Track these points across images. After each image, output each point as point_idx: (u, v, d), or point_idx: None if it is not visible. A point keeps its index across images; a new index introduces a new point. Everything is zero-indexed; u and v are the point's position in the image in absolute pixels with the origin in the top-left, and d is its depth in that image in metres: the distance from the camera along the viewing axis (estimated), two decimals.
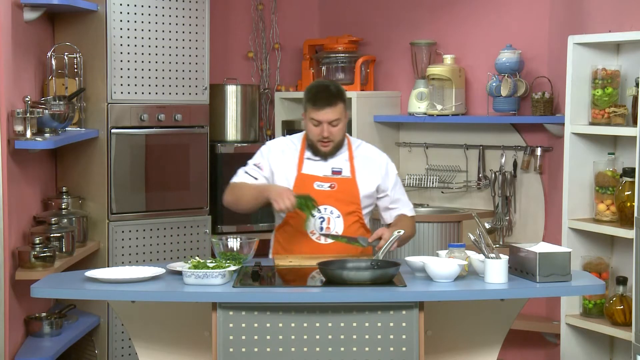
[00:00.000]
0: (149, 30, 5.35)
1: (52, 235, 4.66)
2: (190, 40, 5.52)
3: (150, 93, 5.38)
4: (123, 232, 5.27)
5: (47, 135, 4.57)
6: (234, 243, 3.92)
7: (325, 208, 4.17)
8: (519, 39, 5.52)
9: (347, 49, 6.20)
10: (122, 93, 5.24)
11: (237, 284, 3.58)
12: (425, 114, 5.77)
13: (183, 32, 5.49)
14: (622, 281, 4.64)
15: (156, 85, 5.40)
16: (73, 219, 4.93)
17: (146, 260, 5.34)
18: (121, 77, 5.23)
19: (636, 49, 4.71)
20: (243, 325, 3.51)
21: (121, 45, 5.22)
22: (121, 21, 5.21)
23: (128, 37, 5.25)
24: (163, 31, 5.41)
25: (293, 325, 3.51)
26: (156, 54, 5.39)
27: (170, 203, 5.49)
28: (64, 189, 5.10)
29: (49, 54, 5.04)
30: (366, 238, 4.08)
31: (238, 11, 6.49)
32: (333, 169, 4.23)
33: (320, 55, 6.28)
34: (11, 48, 4.43)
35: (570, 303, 4.88)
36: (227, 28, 6.43)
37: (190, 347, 3.83)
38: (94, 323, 5.16)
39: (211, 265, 3.65)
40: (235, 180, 4.30)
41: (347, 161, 4.24)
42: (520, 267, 3.74)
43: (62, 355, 4.67)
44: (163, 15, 5.40)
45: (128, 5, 5.24)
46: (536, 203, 5.55)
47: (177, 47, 5.47)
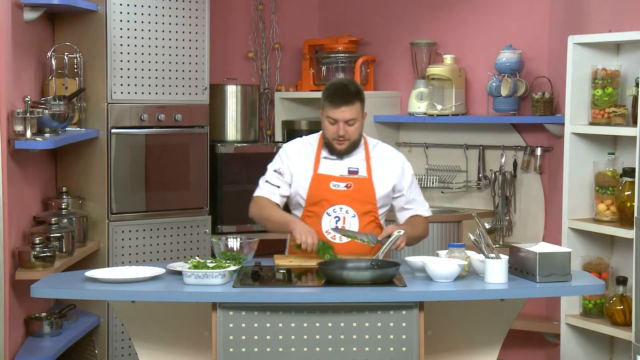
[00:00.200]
0: (149, 30, 5.35)
1: (52, 235, 4.66)
2: (190, 40, 5.52)
3: (150, 93, 5.38)
4: (123, 232, 5.27)
5: (47, 135, 4.57)
6: (234, 243, 3.93)
7: (341, 207, 4.18)
8: (519, 39, 5.52)
9: (347, 49, 6.20)
10: (122, 93, 5.24)
11: (237, 284, 3.58)
12: (425, 114, 5.77)
13: (183, 32, 5.49)
14: (622, 281, 4.64)
15: (156, 85, 5.40)
16: (73, 219, 4.93)
17: (146, 260, 5.33)
18: (121, 77, 5.23)
19: (636, 49, 4.71)
20: (243, 325, 3.51)
21: (121, 45, 5.22)
22: (121, 21, 5.21)
23: (128, 37, 5.25)
24: (163, 31, 5.41)
25: (293, 325, 3.51)
26: (156, 54, 5.39)
27: (170, 203, 5.49)
28: (64, 189, 5.10)
29: (49, 54, 5.04)
30: (375, 235, 4.07)
31: (238, 11, 6.49)
32: (350, 169, 4.23)
33: (320, 55, 6.28)
34: (11, 48, 4.43)
35: (570, 303, 4.88)
36: (227, 28, 6.43)
37: (190, 347, 3.83)
38: (94, 323, 5.15)
39: (211, 265, 3.65)
40: (258, 193, 4.30)
41: (364, 161, 4.25)
42: (520, 267, 3.74)
43: (62, 355, 4.67)
44: (163, 15, 5.40)
45: (128, 5, 5.24)
46: (536, 203, 5.55)
47: (177, 47, 5.47)
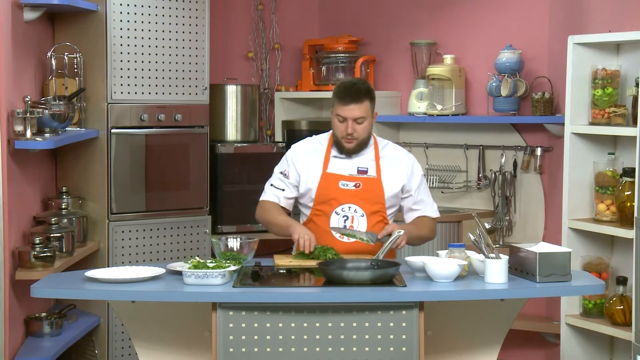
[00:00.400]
0: (149, 30, 5.35)
1: (52, 235, 4.66)
2: (190, 40, 5.52)
3: (150, 93, 5.38)
4: (123, 232, 5.27)
5: (47, 135, 4.57)
6: (234, 243, 3.92)
7: (349, 207, 4.18)
8: (519, 39, 5.52)
9: (347, 49, 6.20)
10: (122, 93, 5.24)
11: (237, 284, 3.58)
12: (425, 114, 5.77)
13: (183, 32, 5.49)
14: (622, 281, 4.64)
15: (156, 85, 5.40)
16: (73, 219, 4.93)
17: (146, 260, 5.34)
18: (121, 77, 5.23)
19: (636, 49, 4.71)
20: (243, 325, 3.51)
21: (121, 45, 5.22)
22: (121, 21, 5.21)
23: (128, 37, 5.25)
24: (163, 31, 5.41)
25: (293, 325, 3.51)
26: (156, 54, 5.39)
27: (170, 203, 5.49)
28: (64, 189, 5.10)
29: (49, 54, 5.04)
30: (375, 234, 4.08)
31: (238, 11, 6.49)
32: (359, 168, 4.24)
33: (320, 55, 6.28)
34: (11, 48, 4.43)
35: (570, 303, 4.88)
36: (227, 28, 6.43)
37: (190, 347, 3.83)
38: (94, 323, 5.15)
39: (211, 265, 3.65)
40: (263, 197, 4.33)
41: (373, 161, 4.25)
42: (520, 267, 3.74)
43: (62, 355, 4.67)
44: (163, 15, 5.40)
45: (128, 5, 5.24)
46: (536, 203, 5.55)
47: (177, 47, 5.47)
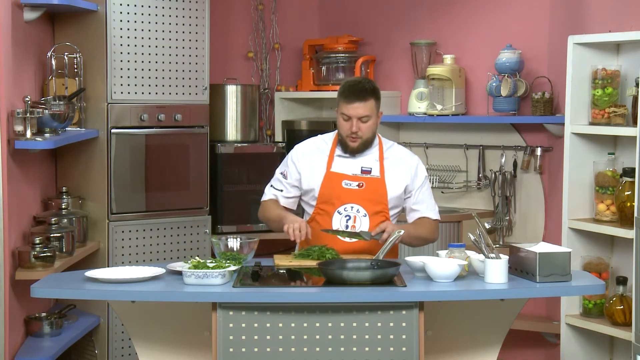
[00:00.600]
0: (149, 30, 5.35)
1: (52, 235, 4.66)
2: (190, 40, 5.52)
3: (150, 93, 5.38)
4: (123, 232, 5.27)
5: (47, 135, 4.57)
6: (234, 243, 3.92)
7: (352, 207, 4.18)
8: (519, 39, 5.52)
9: (347, 49, 6.20)
10: (122, 93, 5.24)
11: (237, 284, 3.58)
12: (425, 114, 5.77)
13: (183, 32, 5.49)
14: (622, 281, 4.64)
15: (156, 85, 5.40)
16: (73, 219, 4.93)
17: (146, 260, 5.34)
18: (121, 77, 5.23)
19: (636, 49, 4.71)
20: (243, 325, 3.51)
21: (121, 45, 5.22)
22: (121, 21, 5.21)
23: (128, 37, 5.25)
24: (163, 31, 5.41)
25: (293, 325, 3.51)
26: (156, 54, 5.39)
27: (170, 203, 5.49)
28: (64, 189, 5.10)
29: (49, 54, 5.04)
30: (369, 232, 4.08)
31: (238, 11, 6.49)
32: (363, 168, 4.24)
33: (320, 55, 6.28)
34: (11, 48, 4.43)
35: (570, 303, 4.88)
36: (227, 28, 6.43)
37: (190, 347, 3.82)
38: (94, 323, 5.15)
39: (211, 265, 3.65)
40: (263, 198, 4.37)
41: (377, 161, 4.25)
42: (520, 267, 3.74)
43: (62, 355, 4.67)
44: (163, 15, 5.40)
45: (128, 5, 5.24)
46: (536, 203, 5.55)
47: (177, 47, 5.47)
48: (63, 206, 4.96)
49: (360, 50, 6.29)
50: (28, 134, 4.42)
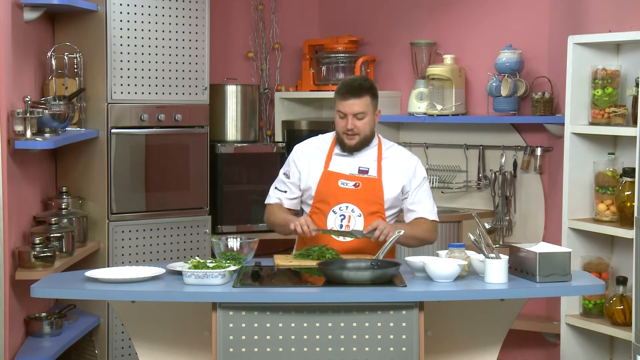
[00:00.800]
0: (149, 30, 5.35)
1: (52, 235, 4.66)
2: (190, 40, 5.52)
3: (150, 93, 5.38)
4: (123, 232, 5.27)
5: (47, 135, 4.57)
6: (234, 243, 3.92)
7: (347, 206, 4.18)
8: (519, 39, 5.52)
9: (347, 49, 6.20)
10: (122, 93, 5.24)
11: (237, 284, 3.58)
12: (425, 114, 5.77)
13: (183, 32, 5.49)
14: (622, 281, 4.64)
15: (156, 85, 5.40)
16: (73, 219, 4.93)
17: (146, 260, 5.34)
18: (121, 77, 5.23)
19: (636, 49, 4.71)
20: (243, 325, 3.51)
21: (121, 45, 5.22)
22: (121, 21, 5.21)
23: (128, 37, 5.25)
24: (163, 31, 5.41)
25: (293, 325, 3.51)
26: (156, 54, 5.39)
27: (170, 203, 5.49)
28: (64, 189, 5.10)
29: (49, 54, 5.04)
30: (361, 230, 4.09)
31: (238, 11, 6.50)
32: (360, 168, 4.24)
33: (320, 55, 6.28)
34: (11, 48, 4.43)
35: (570, 303, 4.88)
36: (227, 28, 6.43)
37: (190, 347, 3.83)
38: (94, 323, 5.15)
39: (211, 265, 3.65)
40: (268, 201, 4.39)
41: (375, 161, 4.25)
42: (520, 267, 3.74)
43: (62, 355, 4.67)
44: (163, 15, 5.40)
45: (128, 5, 5.24)
46: (536, 203, 5.55)
47: (177, 47, 5.47)
48: (63, 206, 4.96)
49: (360, 50, 6.29)
50: (28, 134, 4.42)
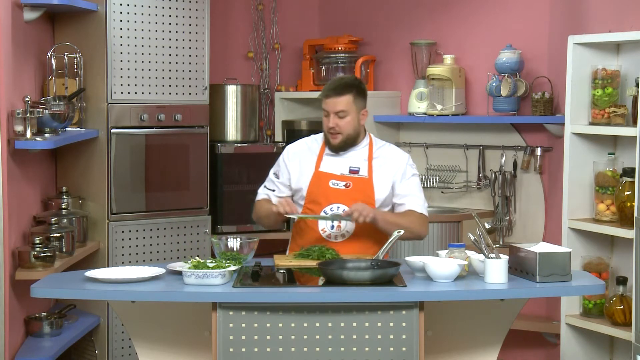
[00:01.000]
0: (149, 30, 5.35)
1: (52, 235, 4.66)
2: (190, 40, 5.52)
3: (150, 93, 5.38)
4: (123, 232, 5.27)
5: (47, 135, 4.57)
6: (234, 243, 3.93)
7: (338, 207, 4.18)
8: (519, 39, 5.52)
9: (347, 49, 6.20)
10: (122, 93, 5.24)
11: (237, 284, 3.58)
12: (425, 114, 5.77)
13: (183, 32, 5.49)
14: (622, 281, 4.64)
15: (156, 85, 5.40)
16: (73, 219, 4.93)
17: (146, 260, 5.34)
18: (121, 77, 5.23)
19: (636, 49, 4.71)
20: (243, 325, 3.51)
21: (121, 45, 5.22)
22: (121, 21, 5.21)
23: (128, 37, 5.25)
24: (163, 31, 5.41)
25: (293, 325, 3.51)
26: (156, 54, 5.39)
27: (170, 203, 5.49)
28: (64, 189, 5.10)
29: (49, 54, 5.04)
30: (339, 214, 4.10)
31: (238, 11, 6.49)
32: (351, 168, 4.24)
33: (320, 55, 6.28)
34: (11, 48, 4.43)
35: (570, 303, 4.88)
36: (227, 28, 6.43)
37: (190, 347, 3.83)
38: (94, 323, 5.15)
39: (211, 265, 3.65)
40: (257, 198, 4.39)
41: (366, 161, 4.25)
42: (520, 267, 3.74)
43: (62, 355, 4.67)
44: (163, 15, 5.40)
45: (128, 5, 5.24)
46: (536, 203, 5.55)
47: (177, 47, 5.47)
48: (63, 206, 4.96)
49: (360, 50, 6.29)
50: (28, 134, 4.42)
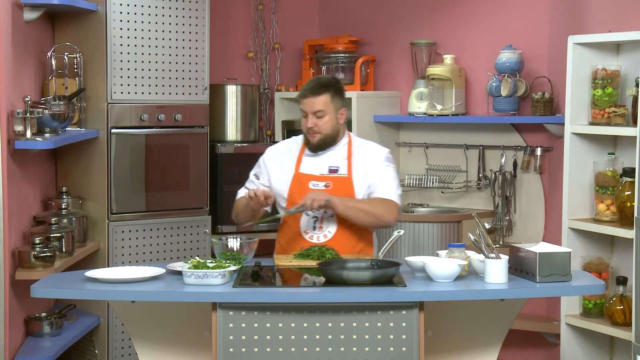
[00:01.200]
0: (149, 30, 5.35)
1: (52, 235, 4.66)
2: (190, 40, 5.52)
3: (150, 93, 5.38)
4: (123, 232, 5.27)
5: (47, 135, 4.57)
6: (234, 243, 3.93)
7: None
8: (519, 39, 5.52)
9: (347, 49, 6.20)
10: (122, 93, 5.24)
11: (237, 284, 3.58)
12: (425, 114, 5.77)
13: (183, 32, 5.49)
14: (622, 281, 4.64)
15: (156, 85, 5.40)
16: (73, 219, 4.93)
17: (146, 260, 5.33)
18: (121, 77, 5.23)
19: (636, 49, 4.71)
20: (243, 325, 3.51)
21: (121, 45, 5.22)
22: (121, 21, 5.21)
23: (128, 37, 5.25)
24: (163, 31, 5.41)
25: (293, 325, 3.51)
26: (156, 54, 5.39)
27: (170, 203, 5.49)
28: (64, 189, 5.10)
29: (49, 54, 5.04)
30: (295, 206, 4.10)
31: (238, 11, 6.49)
32: (330, 167, 4.24)
33: (320, 55, 6.28)
34: (11, 48, 4.43)
35: (570, 303, 4.88)
36: (227, 28, 6.43)
37: (190, 347, 3.83)
38: (94, 323, 5.15)
39: (211, 265, 3.65)
40: (237, 197, 4.40)
41: (345, 159, 4.25)
42: (520, 267, 3.74)
43: (62, 355, 4.67)
44: (163, 15, 5.40)
45: (128, 5, 5.24)
46: (536, 203, 5.55)
47: (177, 47, 5.47)
48: (63, 206, 4.96)
49: (360, 50, 6.29)
50: (28, 134, 4.42)
